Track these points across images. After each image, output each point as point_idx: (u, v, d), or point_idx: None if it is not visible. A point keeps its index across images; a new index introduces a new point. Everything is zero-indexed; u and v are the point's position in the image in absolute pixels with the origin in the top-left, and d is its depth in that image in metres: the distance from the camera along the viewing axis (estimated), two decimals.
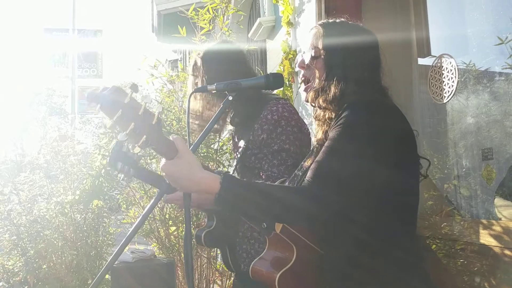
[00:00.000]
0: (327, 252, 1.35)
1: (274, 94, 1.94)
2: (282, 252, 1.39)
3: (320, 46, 1.46)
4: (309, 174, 1.29)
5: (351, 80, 1.39)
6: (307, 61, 1.50)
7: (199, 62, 1.93)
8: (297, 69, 1.60)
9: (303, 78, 1.54)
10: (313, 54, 1.48)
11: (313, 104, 1.46)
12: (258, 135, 1.79)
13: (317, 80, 1.46)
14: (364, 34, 1.49)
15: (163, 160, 1.24)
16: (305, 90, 1.52)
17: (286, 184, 1.54)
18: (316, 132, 1.45)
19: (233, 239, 1.90)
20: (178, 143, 1.23)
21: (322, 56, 1.45)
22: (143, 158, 3.65)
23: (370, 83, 1.40)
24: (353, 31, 1.49)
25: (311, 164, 1.39)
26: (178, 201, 1.78)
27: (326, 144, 1.31)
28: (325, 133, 1.37)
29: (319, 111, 1.44)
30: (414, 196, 1.40)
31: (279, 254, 1.40)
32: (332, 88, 1.39)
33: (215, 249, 3.61)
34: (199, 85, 1.90)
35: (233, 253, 1.91)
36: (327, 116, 1.39)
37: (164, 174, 1.25)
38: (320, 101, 1.41)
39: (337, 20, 1.54)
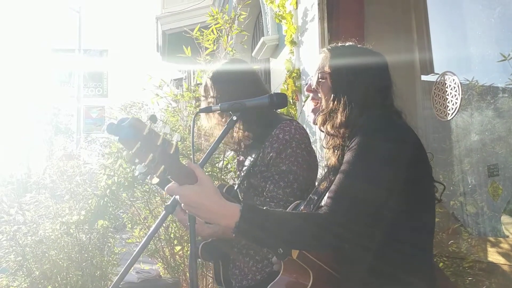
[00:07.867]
0: (342, 277, 1.33)
1: (286, 115, 1.92)
2: (298, 277, 1.35)
3: (326, 69, 1.45)
4: (327, 201, 1.27)
5: (357, 103, 1.37)
6: (314, 85, 1.50)
7: (209, 83, 1.93)
8: (306, 93, 1.58)
9: (312, 102, 1.52)
10: (319, 78, 1.47)
11: (322, 130, 1.45)
12: (267, 152, 1.77)
13: (324, 104, 1.44)
14: (372, 57, 1.47)
15: (177, 184, 1.21)
16: (313, 111, 1.51)
17: (302, 207, 1.50)
18: (327, 159, 1.42)
19: (227, 253, 1.88)
20: (197, 171, 1.22)
21: (328, 80, 1.44)
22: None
23: (378, 106, 1.38)
24: (360, 54, 1.48)
25: (326, 187, 1.37)
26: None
27: (341, 168, 1.29)
28: (338, 157, 1.35)
29: (328, 138, 1.42)
30: (430, 221, 1.37)
31: (294, 279, 1.37)
32: (339, 113, 1.37)
33: None
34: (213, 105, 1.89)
35: (226, 269, 1.89)
36: (337, 142, 1.36)
37: (180, 199, 1.22)
38: (328, 127, 1.39)
39: (346, 44, 1.53)
